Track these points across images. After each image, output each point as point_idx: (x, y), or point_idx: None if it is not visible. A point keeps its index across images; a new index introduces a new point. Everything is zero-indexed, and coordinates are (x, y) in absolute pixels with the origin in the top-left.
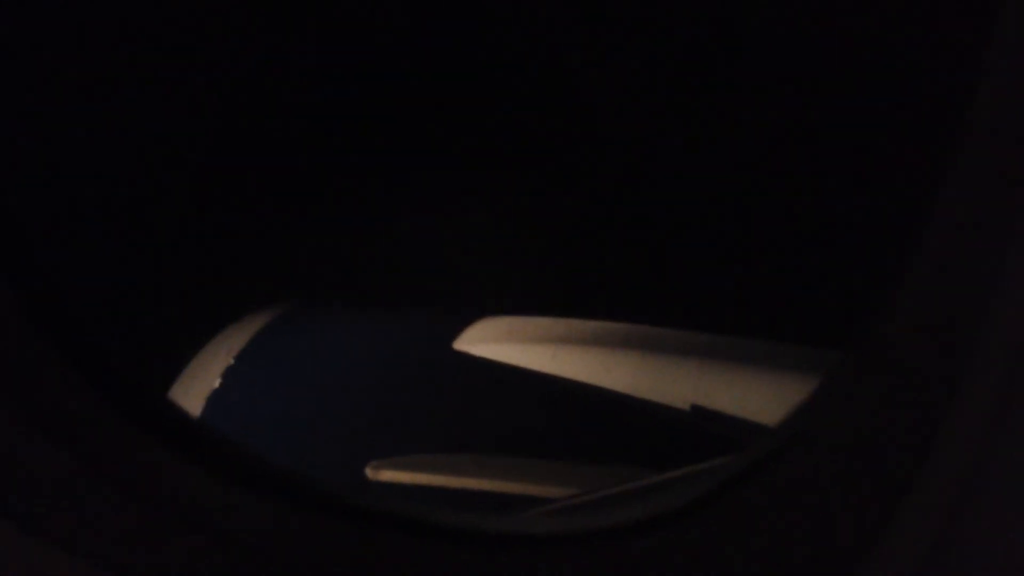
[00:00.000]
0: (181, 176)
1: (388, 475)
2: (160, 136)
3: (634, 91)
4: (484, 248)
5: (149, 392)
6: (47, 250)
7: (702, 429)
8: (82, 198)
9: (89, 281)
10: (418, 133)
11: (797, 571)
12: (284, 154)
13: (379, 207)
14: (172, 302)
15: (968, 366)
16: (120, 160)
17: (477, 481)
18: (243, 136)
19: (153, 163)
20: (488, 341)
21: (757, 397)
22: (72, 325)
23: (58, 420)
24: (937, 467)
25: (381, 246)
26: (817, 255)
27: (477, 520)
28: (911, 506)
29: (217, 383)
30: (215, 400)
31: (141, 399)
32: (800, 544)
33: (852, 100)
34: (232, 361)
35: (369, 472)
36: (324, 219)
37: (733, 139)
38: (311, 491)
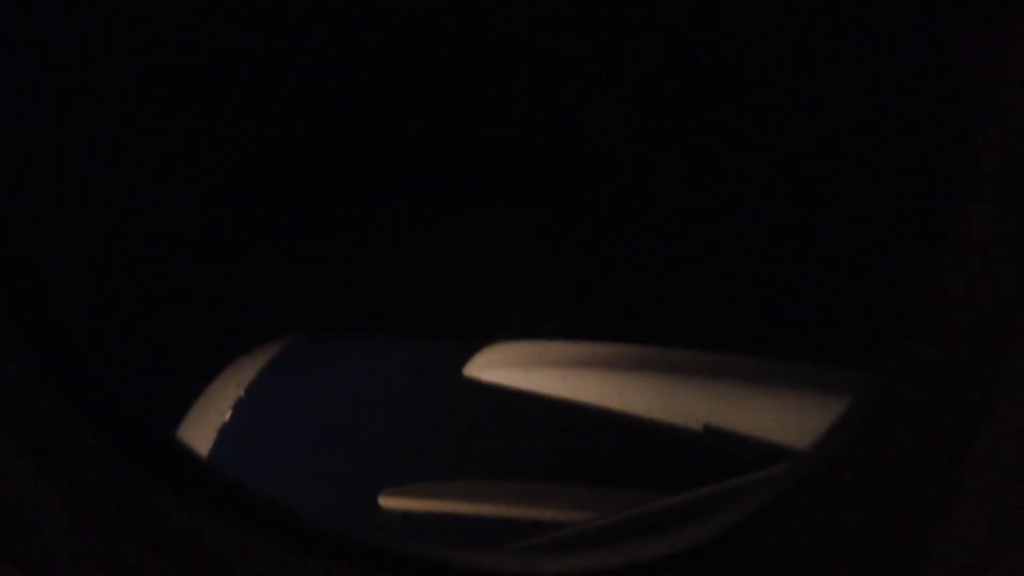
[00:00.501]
0: (190, 207)
1: (401, 503)
2: (166, 169)
3: (641, 110)
4: (492, 274)
5: (156, 432)
6: (50, 282)
7: (716, 450)
8: (88, 230)
9: (95, 313)
10: (422, 162)
11: None
12: (292, 186)
13: (386, 236)
14: (181, 334)
15: (1003, 380)
16: (126, 191)
17: (490, 508)
18: (251, 168)
19: (160, 194)
20: (498, 367)
21: (771, 416)
22: (75, 359)
23: (61, 461)
24: (974, 488)
25: (389, 275)
26: (832, 271)
27: (487, 560)
28: (948, 532)
29: (227, 416)
30: (226, 433)
31: (147, 439)
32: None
33: (874, 114)
34: (242, 393)
35: (382, 501)
36: (332, 249)
37: (744, 154)
38: (321, 534)
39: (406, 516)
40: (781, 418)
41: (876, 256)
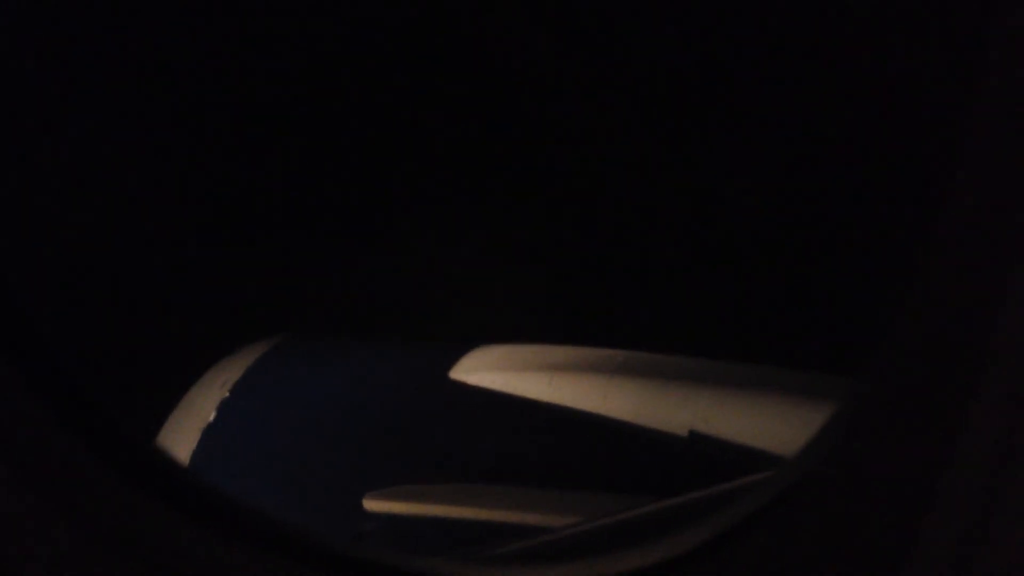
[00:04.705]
0: (177, 209)
1: (386, 505)
2: (153, 171)
3: (628, 114)
4: (479, 277)
5: (133, 438)
6: (27, 284)
7: (701, 455)
8: (73, 233)
9: (76, 316)
10: (411, 166)
11: None
12: (278, 187)
13: (373, 239)
14: (165, 335)
15: (980, 387)
16: (110, 192)
17: (475, 511)
18: (236, 169)
19: (146, 197)
20: (484, 370)
21: (756, 422)
22: (55, 363)
23: (37, 466)
24: (954, 495)
25: (375, 277)
26: (819, 279)
27: (470, 570)
28: (930, 539)
29: (212, 416)
30: (210, 433)
31: (124, 444)
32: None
33: (856, 118)
34: (227, 394)
35: (367, 503)
36: (318, 251)
37: (732, 161)
38: (302, 544)
39: (390, 518)
40: (766, 424)
41: (860, 263)
